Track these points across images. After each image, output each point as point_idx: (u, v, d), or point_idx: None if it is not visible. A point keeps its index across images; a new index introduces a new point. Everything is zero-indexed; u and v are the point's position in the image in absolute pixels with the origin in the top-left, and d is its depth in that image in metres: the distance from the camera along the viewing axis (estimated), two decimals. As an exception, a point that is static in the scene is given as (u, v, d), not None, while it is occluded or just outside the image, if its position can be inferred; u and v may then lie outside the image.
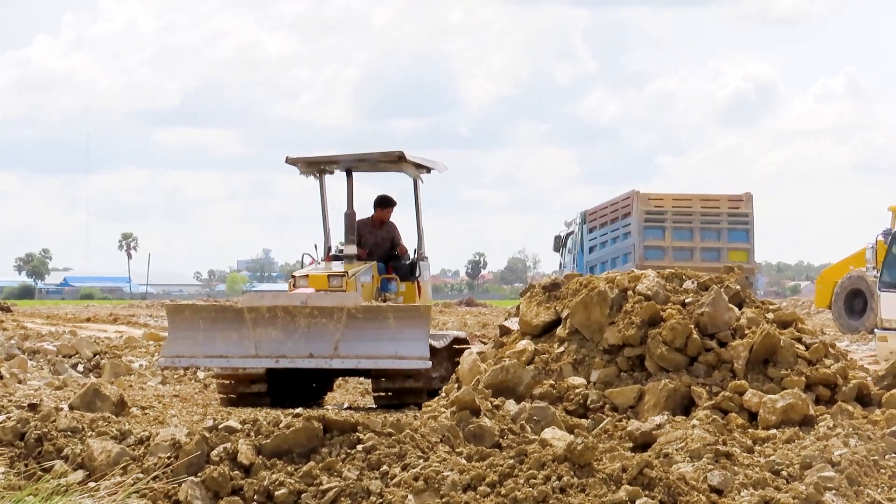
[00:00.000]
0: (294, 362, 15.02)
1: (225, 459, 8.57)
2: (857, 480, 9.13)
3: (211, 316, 15.40)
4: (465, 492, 8.28)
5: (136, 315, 47.56)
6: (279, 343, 15.01)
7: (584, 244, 28.51)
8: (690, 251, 27.16)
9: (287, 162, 17.02)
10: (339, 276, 16.09)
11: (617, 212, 27.81)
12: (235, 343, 15.12)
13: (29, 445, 9.14)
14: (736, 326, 11.96)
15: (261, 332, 15.03)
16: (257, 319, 15.05)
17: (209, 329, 15.27)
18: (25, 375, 19.34)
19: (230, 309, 15.57)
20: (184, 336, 15.41)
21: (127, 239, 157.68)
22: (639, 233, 27.01)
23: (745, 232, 27.44)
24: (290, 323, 15.04)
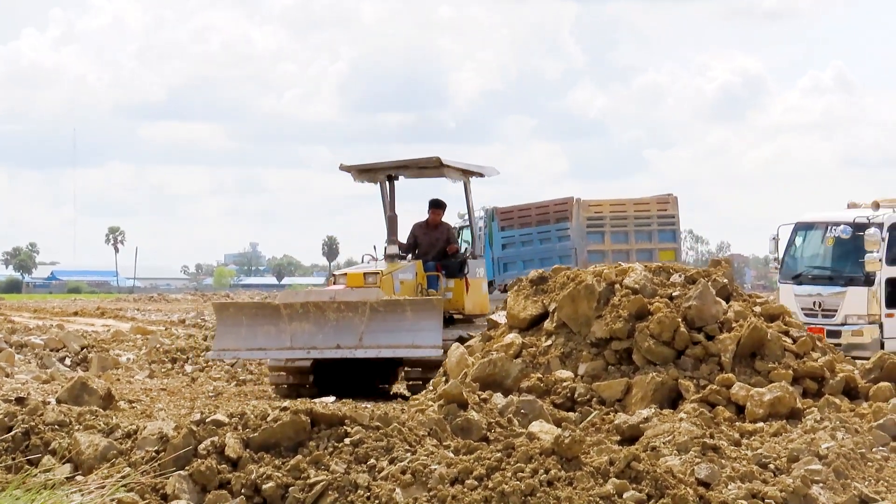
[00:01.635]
0: (323, 353, 16.25)
1: (212, 453, 8.56)
2: (844, 473, 9.15)
3: (252, 312, 16.68)
4: (452, 485, 8.28)
5: (123, 309, 47.50)
6: (311, 335, 16.26)
7: (494, 240, 29.51)
8: (627, 253, 28.26)
9: (340, 169, 18.29)
10: (374, 273, 17.29)
11: (547, 215, 28.92)
12: (273, 336, 16.41)
13: (16, 439, 9.13)
14: (723, 320, 11.98)
15: (295, 326, 16.34)
16: (292, 315, 16.35)
17: (251, 324, 16.57)
18: (13, 369, 19.31)
19: (269, 305, 16.87)
20: (229, 331, 16.65)
21: (114, 233, 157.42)
22: (582, 237, 28.18)
23: (672, 232, 28.63)
24: (321, 317, 16.30)
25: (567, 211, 28.59)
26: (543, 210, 29.22)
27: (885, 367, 11.90)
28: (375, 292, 16.48)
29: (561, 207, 28.88)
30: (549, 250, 28.72)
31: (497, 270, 29.23)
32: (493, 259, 29.26)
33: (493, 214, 29.93)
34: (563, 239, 28.64)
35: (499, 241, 29.53)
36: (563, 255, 28.19)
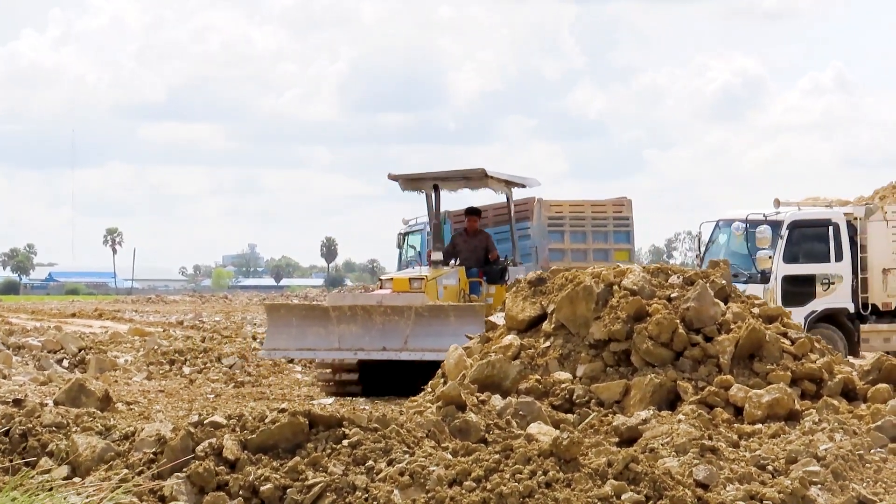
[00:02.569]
0: (370, 354, 16.81)
1: (210, 455, 8.54)
2: (842, 475, 9.15)
3: (302, 313, 17.39)
4: (450, 487, 8.28)
5: (121, 310, 47.49)
6: (358, 337, 16.84)
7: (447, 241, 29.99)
8: (584, 252, 29.26)
9: (389, 178, 19.10)
10: (418, 279, 18.16)
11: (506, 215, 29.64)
12: (322, 337, 17.01)
13: (13, 441, 9.11)
14: (722, 321, 11.97)
15: (343, 328, 16.94)
16: (340, 317, 16.96)
17: (301, 325, 17.19)
18: (10, 370, 19.31)
19: (318, 307, 17.64)
20: (280, 332, 17.28)
21: (112, 234, 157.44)
22: (543, 236, 29.04)
23: (626, 234, 29.52)
24: (368, 320, 16.90)
25: (528, 211, 29.25)
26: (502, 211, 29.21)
27: (883, 369, 11.89)
28: (420, 297, 17.12)
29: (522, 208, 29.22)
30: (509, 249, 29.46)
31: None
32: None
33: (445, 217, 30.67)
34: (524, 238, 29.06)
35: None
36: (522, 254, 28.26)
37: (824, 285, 21.58)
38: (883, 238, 22.36)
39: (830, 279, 21.58)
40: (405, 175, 19.18)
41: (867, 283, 22.01)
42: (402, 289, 17.92)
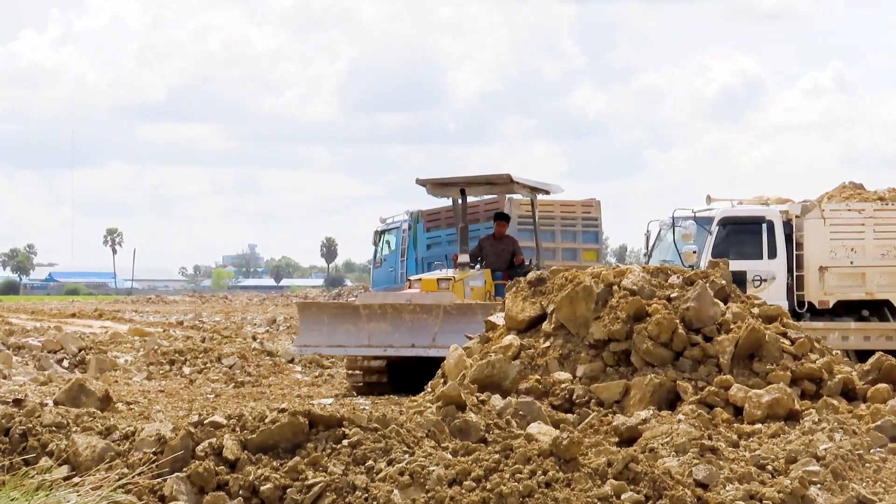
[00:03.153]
0: (399, 351, 17.17)
1: (210, 454, 8.55)
2: (842, 475, 9.15)
3: (333, 311, 17.91)
4: (450, 486, 8.28)
5: (121, 310, 47.51)
6: (388, 335, 17.21)
7: (419, 241, 31.54)
8: (553, 251, 30.13)
9: (417, 182, 19.61)
10: (446, 279, 18.69)
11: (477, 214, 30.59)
12: (353, 335, 17.42)
13: (13, 441, 9.11)
14: (721, 321, 11.98)
15: (373, 326, 17.34)
16: (371, 315, 17.34)
17: (332, 322, 17.62)
18: (10, 371, 19.31)
19: (349, 306, 18.16)
20: (311, 329, 17.77)
21: (112, 234, 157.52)
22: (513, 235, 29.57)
23: (594, 234, 30.65)
24: (397, 318, 17.27)
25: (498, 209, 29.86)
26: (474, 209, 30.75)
27: (882, 369, 11.90)
28: (449, 296, 17.49)
29: (491, 207, 30.33)
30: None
31: (421, 269, 30.76)
32: (416, 259, 31.42)
33: (418, 216, 31.72)
34: None
35: (423, 242, 31.46)
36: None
37: (756, 282, 21.66)
38: (820, 236, 22.44)
39: (762, 276, 21.61)
40: (433, 180, 19.63)
41: (803, 280, 22.05)
42: (430, 289, 18.45)
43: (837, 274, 21.86)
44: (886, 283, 22.19)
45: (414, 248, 31.77)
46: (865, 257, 22.33)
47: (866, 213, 22.97)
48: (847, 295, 21.60)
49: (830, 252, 22.43)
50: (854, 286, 21.94)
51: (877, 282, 22.10)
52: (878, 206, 22.99)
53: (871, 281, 21.87)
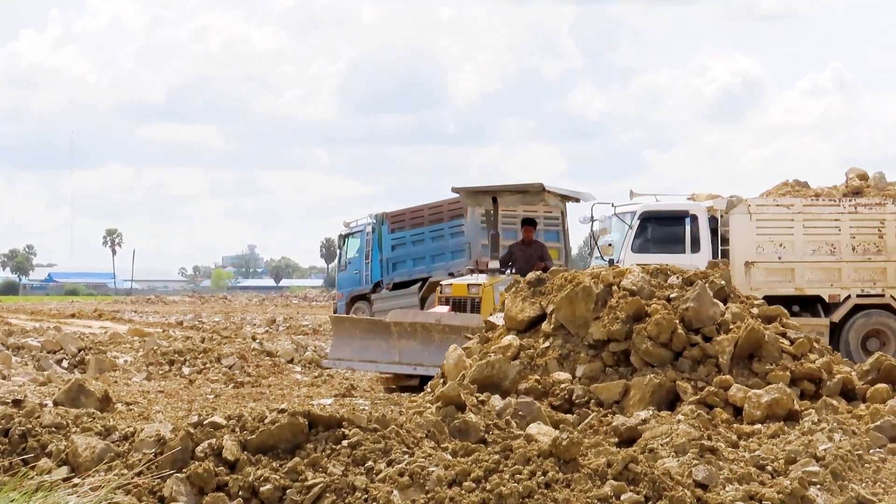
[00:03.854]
0: (428, 370, 17.11)
1: (210, 455, 8.54)
2: (841, 475, 9.15)
3: (365, 327, 18.39)
4: (450, 487, 8.28)
5: (120, 311, 47.52)
6: (418, 353, 17.55)
7: (383, 243, 32.21)
8: None
9: (452, 190, 20.35)
10: (476, 285, 19.14)
11: (441, 214, 31.46)
12: (384, 351, 17.88)
13: (13, 441, 9.11)
14: (721, 321, 11.98)
15: (404, 343, 17.77)
16: (401, 332, 17.78)
17: (364, 338, 18.11)
18: (10, 371, 19.29)
19: (380, 322, 18.44)
20: (344, 343, 18.31)
21: (111, 235, 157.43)
22: (476, 233, 30.48)
23: (557, 233, 30.75)
24: (427, 336, 17.61)
25: (462, 209, 30.71)
26: (437, 210, 31.70)
27: (882, 369, 11.90)
28: (477, 318, 17.49)
29: (455, 206, 31.00)
30: (442, 247, 31.47)
31: (385, 271, 31.89)
32: (381, 261, 32.12)
33: (382, 219, 32.36)
34: (457, 235, 31.06)
35: (388, 244, 32.05)
36: (455, 251, 31.04)
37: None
38: (746, 231, 22.45)
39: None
40: (467, 188, 20.28)
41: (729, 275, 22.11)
42: (461, 294, 19.12)
43: (764, 269, 21.89)
44: (817, 279, 22.21)
45: (379, 250, 32.35)
46: (794, 253, 22.36)
47: (795, 208, 22.99)
48: (775, 290, 21.57)
49: (757, 247, 22.46)
50: (783, 282, 21.96)
51: (807, 277, 22.13)
52: (807, 202, 23.02)
53: (801, 276, 21.88)
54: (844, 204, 23.17)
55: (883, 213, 23.17)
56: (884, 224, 23.10)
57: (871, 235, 23.12)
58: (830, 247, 22.93)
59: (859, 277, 22.63)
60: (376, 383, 18.42)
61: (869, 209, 23.22)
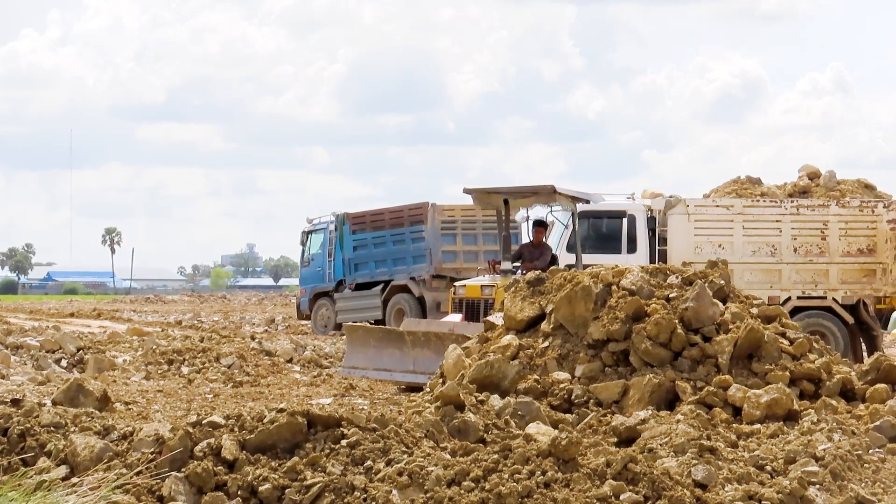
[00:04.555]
0: None
1: (209, 455, 8.54)
2: (840, 475, 9.15)
3: (379, 336, 18.34)
4: (449, 487, 8.27)
5: (119, 310, 47.52)
6: (432, 361, 17.06)
7: (345, 243, 32.72)
8: (475, 254, 31.22)
9: (464, 192, 20.30)
10: (489, 286, 19.16)
11: (402, 218, 32.00)
12: (398, 359, 17.80)
13: (11, 441, 9.10)
14: (720, 321, 11.97)
15: (418, 352, 17.64)
16: (415, 341, 17.69)
17: (378, 346, 18.08)
18: (8, 370, 19.29)
19: (394, 331, 18.50)
20: (358, 351, 18.30)
21: (110, 234, 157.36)
22: (436, 239, 31.02)
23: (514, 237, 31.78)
24: (441, 346, 17.14)
25: (423, 215, 31.37)
26: (398, 214, 32.22)
27: (881, 369, 11.89)
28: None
29: (416, 211, 31.67)
30: (403, 251, 31.91)
31: (348, 271, 32.42)
32: (343, 260, 32.70)
33: (343, 219, 32.99)
34: (418, 240, 31.52)
35: (350, 244, 32.58)
36: (416, 255, 31.49)
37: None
38: (684, 231, 22.45)
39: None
40: (479, 189, 20.22)
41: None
42: (474, 295, 19.18)
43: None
44: (756, 281, 22.24)
45: (341, 249, 32.85)
46: (734, 254, 22.35)
47: (735, 209, 22.96)
48: None
49: (695, 247, 22.46)
50: None
51: (746, 279, 22.15)
52: (748, 203, 22.99)
53: (741, 278, 21.86)
54: (786, 205, 23.16)
55: (826, 215, 23.16)
56: (827, 226, 23.10)
57: (814, 237, 23.13)
58: (771, 248, 22.95)
59: (800, 279, 22.67)
60: (377, 383, 18.36)
61: (812, 210, 23.23)
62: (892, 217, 23.40)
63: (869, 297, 23.56)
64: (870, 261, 23.17)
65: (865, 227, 23.51)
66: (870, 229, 23.52)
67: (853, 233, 23.32)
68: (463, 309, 19.38)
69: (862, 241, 23.40)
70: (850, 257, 23.28)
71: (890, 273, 23.21)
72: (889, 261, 23.36)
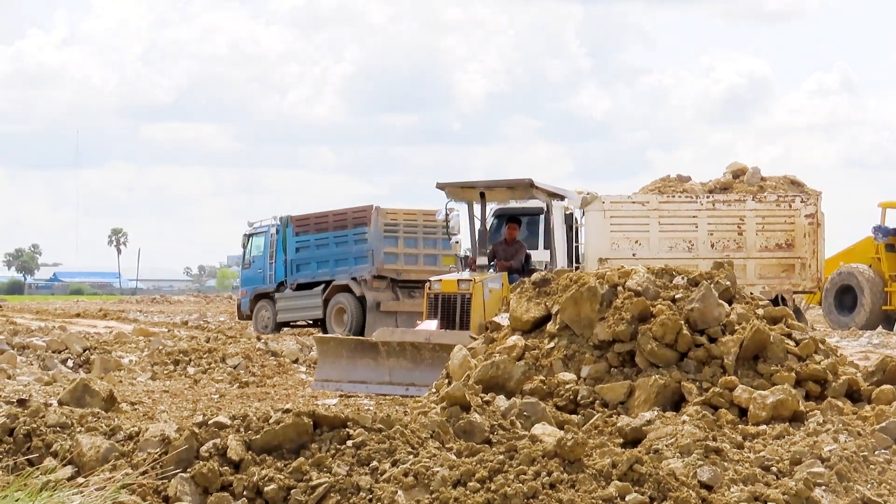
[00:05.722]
0: (420, 390, 16.43)
1: (214, 455, 8.54)
2: (846, 476, 9.14)
3: (352, 347, 17.76)
4: (454, 487, 8.27)
5: (125, 310, 47.56)
6: (408, 372, 17.02)
7: (288, 245, 33.47)
8: (416, 257, 32.12)
9: (437, 186, 19.78)
10: (466, 281, 18.75)
11: (345, 221, 32.75)
12: (373, 371, 17.32)
13: (18, 441, 9.11)
14: (726, 322, 11.97)
15: (393, 362, 17.19)
16: (390, 351, 17.21)
17: (351, 358, 17.54)
18: (15, 371, 19.31)
19: (367, 342, 17.89)
20: (331, 363, 17.73)
21: (116, 234, 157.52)
22: (379, 241, 31.74)
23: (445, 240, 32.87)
24: (417, 355, 17.05)
25: (366, 217, 32.15)
26: (342, 217, 32.98)
27: (887, 370, 11.88)
28: (467, 335, 16.94)
29: (360, 214, 32.46)
30: (346, 252, 32.65)
31: (289, 271, 33.13)
32: (285, 262, 33.49)
33: (287, 222, 33.80)
34: (361, 242, 32.31)
35: (293, 246, 33.37)
36: (358, 256, 32.29)
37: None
38: (600, 228, 22.48)
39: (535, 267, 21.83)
40: (453, 184, 19.79)
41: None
42: (450, 290, 18.68)
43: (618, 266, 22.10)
44: None
45: (283, 251, 33.61)
46: (650, 250, 22.32)
47: (651, 205, 22.92)
48: None
49: (612, 244, 22.46)
50: None
51: None
52: (663, 199, 22.95)
53: None
54: (702, 200, 23.10)
55: (743, 210, 23.10)
56: (744, 221, 23.03)
57: (731, 232, 23.07)
58: (688, 244, 22.92)
59: None
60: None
61: (728, 206, 23.18)
62: (810, 212, 23.33)
63: (788, 293, 23.55)
64: (788, 255, 23.14)
65: (783, 221, 23.46)
66: (788, 224, 23.47)
67: (771, 228, 23.28)
68: (438, 305, 18.89)
69: (780, 236, 23.37)
70: (768, 252, 23.23)
71: (809, 268, 23.15)
72: (808, 255, 23.30)
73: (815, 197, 24.23)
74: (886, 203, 32.36)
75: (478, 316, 18.34)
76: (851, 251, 32.33)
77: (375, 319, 30.92)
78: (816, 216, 23.76)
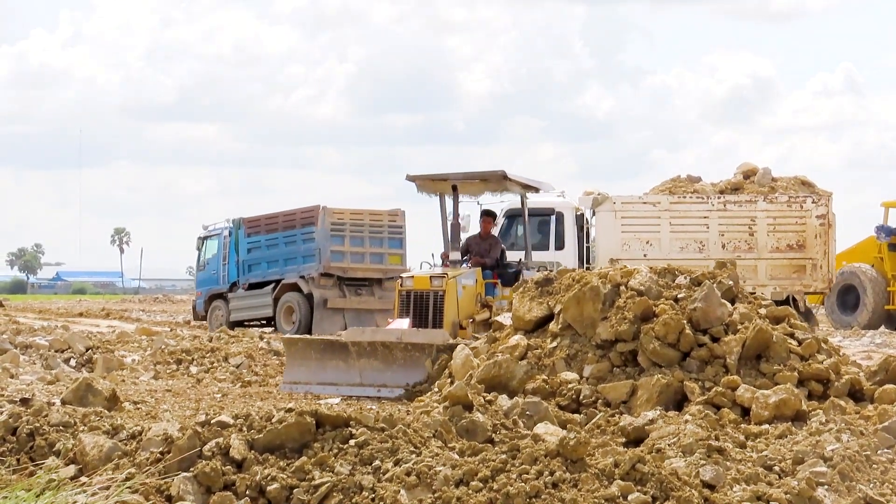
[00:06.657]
0: (393, 391, 16.20)
1: (217, 454, 8.55)
2: (849, 475, 9.14)
3: (321, 348, 17.12)
4: (457, 487, 8.28)
5: (128, 310, 47.56)
6: (380, 373, 16.49)
7: (240, 246, 34.23)
8: (362, 255, 32.85)
9: (407, 179, 19.34)
10: (439, 277, 18.14)
11: (294, 221, 33.42)
12: (343, 372, 16.75)
13: (21, 440, 9.12)
14: (728, 322, 11.97)
15: (364, 363, 16.66)
16: (360, 352, 16.68)
17: (320, 359, 16.98)
18: (17, 370, 19.32)
19: (337, 342, 17.19)
20: (299, 365, 17.16)
21: (119, 234, 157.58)
22: (326, 240, 32.39)
23: (399, 240, 33.28)
24: (389, 355, 16.52)
25: (314, 217, 32.82)
26: (290, 217, 33.65)
27: (890, 370, 11.88)
28: (441, 334, 16.78)
29: (308, 214, 33.13)
30: (294, 251, 33.25)
31: (242, 272, 33.85)
32: (237, 262, 34.26)
33: (239, 223, 34.59)
34: (309, 241, 32.91)
35: (244, 247, 34.14)
36: (307, 255, 32.87)
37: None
38: (612, 228, 22.43)
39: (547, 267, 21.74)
40: (424, 176, 19.38)
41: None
42: (423, 287, 18.17)
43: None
44: None
45: (235, 252, 34.30)
46: (661, 250, 22.29)
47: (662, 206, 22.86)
48: None
49: (623, 245, 22.42)
50: None
51: None
52: (674, 200, 22.90)
53: None
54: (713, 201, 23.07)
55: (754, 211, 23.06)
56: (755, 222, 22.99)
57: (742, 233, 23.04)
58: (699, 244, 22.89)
59: None
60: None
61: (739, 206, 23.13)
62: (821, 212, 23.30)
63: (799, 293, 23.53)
64: (799, 256, 23.12)
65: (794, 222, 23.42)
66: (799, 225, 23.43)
67: (782, 228, 23.24)
68: (410, 303, 18.30)
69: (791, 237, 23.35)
70: (779, 253, 23.21)
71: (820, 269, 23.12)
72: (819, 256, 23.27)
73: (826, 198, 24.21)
74: (889, 202, 32.36)
75: (451, 314, 17.92)
76: (854, 251, 32.33)
77: (323, 316, 31.60)
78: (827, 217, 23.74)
